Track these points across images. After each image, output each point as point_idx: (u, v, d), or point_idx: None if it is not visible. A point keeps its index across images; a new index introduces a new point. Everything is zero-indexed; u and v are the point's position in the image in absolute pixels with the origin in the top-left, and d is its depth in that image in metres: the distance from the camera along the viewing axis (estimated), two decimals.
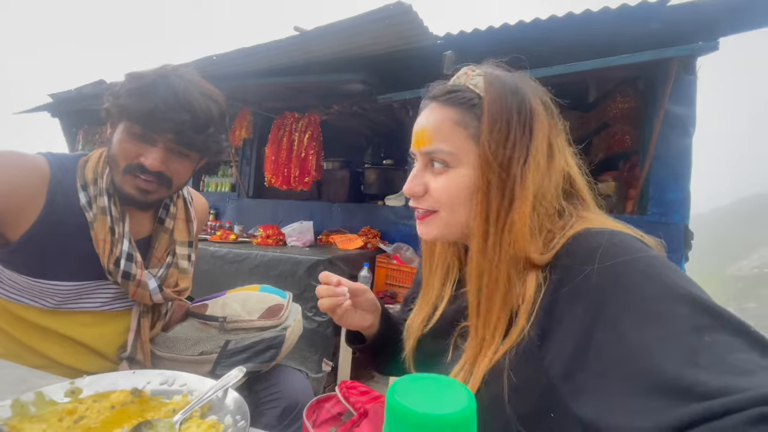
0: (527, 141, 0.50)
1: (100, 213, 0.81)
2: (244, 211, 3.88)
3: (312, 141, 3.30)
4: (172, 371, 0.59)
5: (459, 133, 0.53)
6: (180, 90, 0.78)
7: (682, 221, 2.36)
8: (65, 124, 4.86)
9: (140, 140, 0.79)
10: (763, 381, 0.30)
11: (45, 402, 0.50)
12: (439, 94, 0.55)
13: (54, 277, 0.78)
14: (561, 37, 2.25)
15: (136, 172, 0.80)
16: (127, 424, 0.45)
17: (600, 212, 0.54)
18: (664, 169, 2.38)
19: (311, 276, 2.29)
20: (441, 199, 0.54)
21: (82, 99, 3.92)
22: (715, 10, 1.98)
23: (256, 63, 2.70)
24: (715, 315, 0.35)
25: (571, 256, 0.45)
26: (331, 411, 0.97)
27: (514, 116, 0.50)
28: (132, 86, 0.78)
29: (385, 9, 2.00)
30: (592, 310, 0.40)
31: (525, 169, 0.49)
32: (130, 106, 0.77)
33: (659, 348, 0.34)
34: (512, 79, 0.54)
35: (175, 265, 0.95)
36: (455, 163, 0.53)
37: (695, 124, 2.36)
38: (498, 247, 0.49)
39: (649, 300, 0.37)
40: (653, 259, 0.41)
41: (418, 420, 0.14)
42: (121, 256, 0.82)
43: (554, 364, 0.42)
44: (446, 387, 0.18)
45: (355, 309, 0.67)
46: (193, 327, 1.07)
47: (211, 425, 0.46)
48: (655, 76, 2.34)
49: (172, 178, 0.84)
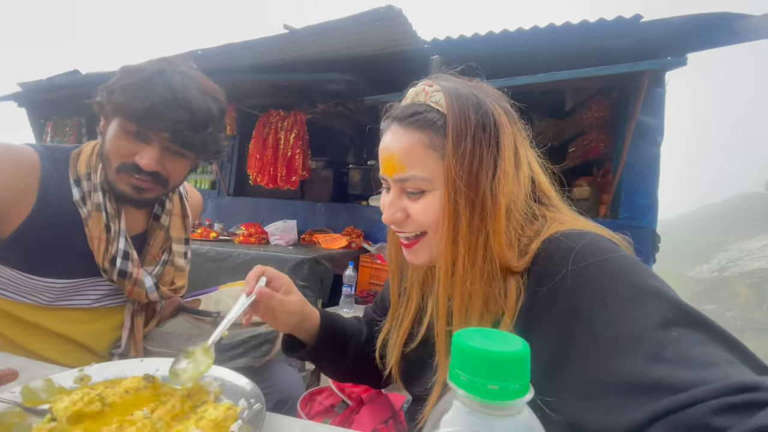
0: (494, 154, 0.49)
1: (95, 209, 0.79)
2: (224, 209, 3.83)
3: (298, 140, 3.29)
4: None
5: (431, 156, 0.51)
6: (178, 87, 0.74)
7: (650, 225, 2.51)
8: (33, 115, 4.64)
9: (135, 138, 0.75)
10: (728, 373, 0.31)
11: (55, 389, 0.51)
12: (403, 116, 0.53)
13: (47, 274, 0.76)
14: (542, 46, 2.35)
15: (130, 171, 0.76)
16: (146, 407, 0.46)
17: (570, 211, 0.54)
18: (634, 175, 2.53)
19: (296, 275, 2.29)
20: (424, 222, 0.53)
21: (53, 89, 3.76)
22: (684, 28, 2.13)
23: (243, 59, 2.68)
24: (681, 311, 0.37)
25: (546, 259, 0.46)
26: (324, 403, 0.99)
27: (479, 132, 0.49)
28: (127, 82, 0.74)
29: (375, 12, 2.03)
30: (568, 311, 0.41)
31: (494, 184, 0.48)
32: (124, 102, 0.73)
33: (629, 345, 0.36)
34: (472, 91, 0.52)
35: (171, 263, 0.92)
36: (431, 186, 0.51)
37: (663, 134, 2.52)
38: (470, 265, 0.48)
39: (620, 299, 0.39)
40: (623, 258, 0.43)
41: (491, 357, 0.17)
42: (117, 255, 0.80)
43: (535, 365, 0.44)
44: (501, 336, 0.21)
45: (276, 313, 0.62)
46: (185, 322, 1.06)
47: (228, 407, 0.47)
48: (627, 88, 2.48)
49: (168, 177, 0.80)
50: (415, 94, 0.55)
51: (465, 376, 0.19)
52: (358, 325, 0.77)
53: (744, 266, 16.28)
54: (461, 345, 0.20)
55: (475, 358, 0.19)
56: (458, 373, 0.20)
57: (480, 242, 0.48)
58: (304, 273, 2.30)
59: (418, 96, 0.54)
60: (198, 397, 0.51)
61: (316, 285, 2.34)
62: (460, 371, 0.20)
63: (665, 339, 0.35)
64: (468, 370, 0.19)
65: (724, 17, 2.01)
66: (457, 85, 0.53)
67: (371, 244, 2.96)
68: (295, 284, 0.68)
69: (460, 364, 0.20)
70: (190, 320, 1.06)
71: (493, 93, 0.54)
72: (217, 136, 0.83)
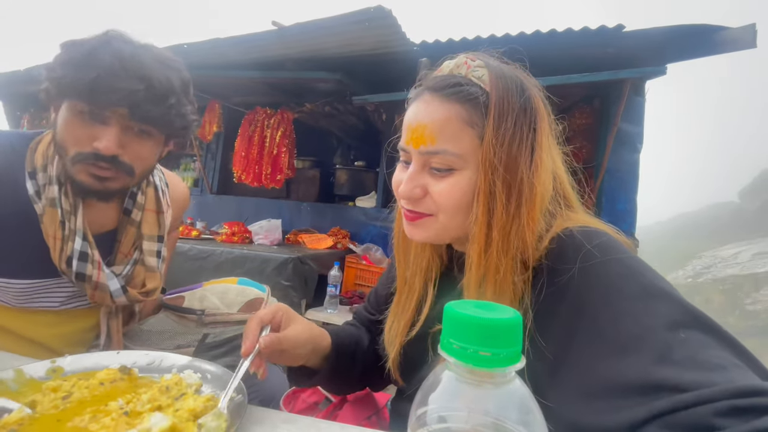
0: (532, 141, 0.47)
1: (49, 205, 0.71)
2: (207, 207, 3.76)
3: (284, 138, 3.26)
4: (158, 352, 0.58)
5: (467, 133, 0.47)
6: (127, 54, 0.65)
7: (629, 230, 2.58)
8: (8, 108, 4.49)
9: (89, 120, 0.66)
10: (734, 376, 0.31)
11: (25, 379, 0.48)
12: (440, 86, 0.49)
13: (6, 274, 0.70)
14: (528, 53, 2.39)
15: (88, 159, 0.67)
16: (121, 398, 0.45)
17: (584, 210, 0.53)
18: (614, 181, 2.60)
19: (281, 274, 2.26)
20: (443, 204, 0.49)
21: (31, 81, 3.64)
22: (664, 38, 2.20)
23: (230, 55, 2.65)
24: (690, 314, 0.36)
25: (555, 256, 0.45)
26: (307, 401, 0.98)
27: (521, 115, 0.47)
28: (68, 56, 0.65)
29: (365, 11, 2.04)
30: (575, 309, 0.41)
31: (532, 170, 0.47)
32: (68, 78, 0.64)
33: (635, 344, 0.35)
34: (515, 73, 0.50)
35: (142, 262, 0.83)
36: (461, 165, 0.48)
37: (643, 141, 2.61)
38: (503, 254, 0.46)
39: (627, 299, 0.38)
40: (631, 259, 0.42)
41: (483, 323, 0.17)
42: (72, 255, 0.71)
43: (540, 361, 0.42)
44: (493, 306, 0.21)
45: (282, 353, 0.56)
46: (168, 320, 1.03)
47: (208, 398, 0.46)
48: (609, 96, 2.55)
49: (132, 163, 0.71)
50: (456, 65, 0.51)
51: (457, 343, 0.19)
52: (356, 331, 0.74)
53: (717, 273, 16.86)
54: (453, 314, 0.20)
55: (468, 325, 0.19)
56: (450, 342, 0.20)
57: (514, 230, 0.46)
58: (288, 272, 2.27)
59: (459, 68, 0.51)
60: (177, 390, 0.50)
61: (301, 285, 2.32)
62: (452, 339, 0.20)
63: (673, 340, 0.34)
64: (460, 337, 0.19)
65: (703, 29, 2.09)
66: (501, 65, 0.51)
67: (357, 244, 2.95)
68: (279, 284, 0.65)
69: (453, 333, 0.20)
70: (172, 317, 1.04)
71: (533, 81, 0.52)
72: (181, 110, 0.73)
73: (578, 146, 2.85)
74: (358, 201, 3.31)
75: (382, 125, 3.26)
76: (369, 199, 3.26)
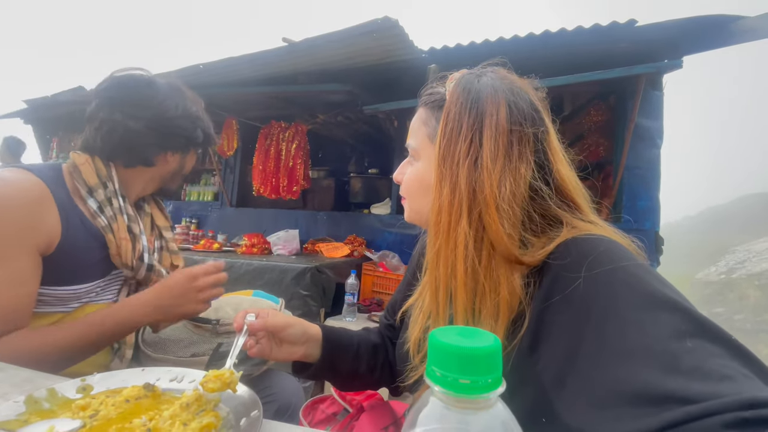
0: (478, 145, 0.50)
1: (118, 213, 0.85)
2: (227, 220, 3.85)
3: (299, 150, 3.33)
4: (180, 368, 0.61)
5: (422, 131, 0.59)
6: (193, 98, 0.96)
7: (652, 228, 2.50)
8: (38, 132, 4.73)
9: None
10: (743, 387, 0.30)
11: (58, 398, 0.52)
12: (422, 95, 0.62)
13: (71, 282, 0.79)
14: (538, 53, 2.37)
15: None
16: (144, 415, 0.47)
17: (594, 217, 0.53)
18: (634, 178, 2.53)
19: (299, 284, 2.30)
20: (404, 188, 0.63)
21: (58, 106, 3.83)
22: (679, 31, 2.14)
23: (244, 72, 2.72)
24: (697, 322, 0.36)
25: (560, 264, 0.45)
26: (326, 411, 0.99)
27: (465, 117, 0.51)
28: (186, 112, 0.91)
29: (372, 23, 2.07)
30: (579, 318, 0.41)
31: (479, 171, 0.49)
32: (197, 132, 0.93)
33: (642, 354, 0.35)
34: (484, 81, 0.53)
35: (167, 249, 1.01)
36: (417, 157, 0.60)
37: (662, 136, 2.53)
38: (450, 238, 0.49)
39: (633, 307, 0.38)
40: (638, 267, 0.42)
41: (462, 352, 0.18)
42: (144, 251, 0.88)
43: (546, 371, 0.42)
44: (475, 333, 0.22)
45: (281, 344, 0.67)
46: (184, 329, 1.07)
47: (214, 414, 0.48)
48: (625, 92, 2.49)
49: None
50: (449, 78, 0.60)
51: (439, 371, 0.20)
52: (363, 332, 0.80)
53: (752, 268, 16.10)
54: (435, 342, 0.21)
55: (448, 354, 0.20)
56: (434, 370, 0.21)
57: (461, 230, 0.48)
58: (306, 282, 2.30)
59: (448, 80, 0.59)
60: (197, 405, 0.52)
61: (319, 294, 2.35)
62: (435, 368, 0.21)
63: (680, 350, 0.34)
64: (442, 365, 0.20)
65: (719, 19, 2.02)
66: (480, 77, 0.54)
67: (373, 252, 2.96)
68: (297, 294, 0.71)
69: (435, 361, 0.21)
70: (189, 327, 1.07)
71: (511, 88, 0.53)
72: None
73: (594, 144, 2.80)
74: (372, 208, 3.33)
75: (394, 132, 3.28)
76: (383, 206, 3.27)
